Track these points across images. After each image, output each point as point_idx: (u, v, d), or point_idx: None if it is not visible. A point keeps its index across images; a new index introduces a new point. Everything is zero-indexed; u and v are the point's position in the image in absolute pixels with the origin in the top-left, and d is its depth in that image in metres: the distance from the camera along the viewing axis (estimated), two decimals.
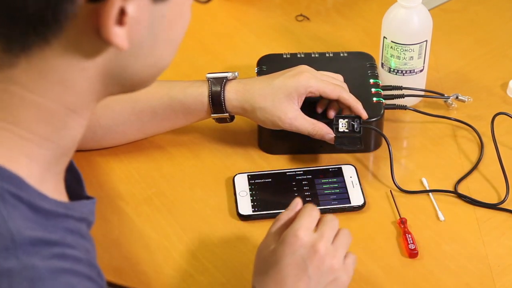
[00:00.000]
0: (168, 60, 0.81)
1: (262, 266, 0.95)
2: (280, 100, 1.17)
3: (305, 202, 1.15)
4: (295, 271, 0.92)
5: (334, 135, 1.19)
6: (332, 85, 1.19)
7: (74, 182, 0.87)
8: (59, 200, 0.78)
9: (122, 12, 0.72)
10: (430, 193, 1.18)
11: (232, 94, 1.19)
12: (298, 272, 0.92)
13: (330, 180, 1.19)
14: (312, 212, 0.98)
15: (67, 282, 0.71)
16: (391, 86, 1.31)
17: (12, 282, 0.69)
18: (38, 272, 0.69)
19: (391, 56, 1.30)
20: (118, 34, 0.72)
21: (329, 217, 0.98)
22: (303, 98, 1.19)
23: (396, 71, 1.31)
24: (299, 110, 1.18)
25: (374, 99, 1.25)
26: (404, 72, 1.31)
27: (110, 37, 0.72)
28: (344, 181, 1.19)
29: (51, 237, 0.73)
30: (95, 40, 0.73)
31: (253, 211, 1.15)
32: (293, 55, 1.33)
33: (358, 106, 1.19)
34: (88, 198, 0.86)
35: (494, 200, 1.18)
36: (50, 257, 0.71)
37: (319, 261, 0.93)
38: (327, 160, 1.24)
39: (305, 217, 0.97)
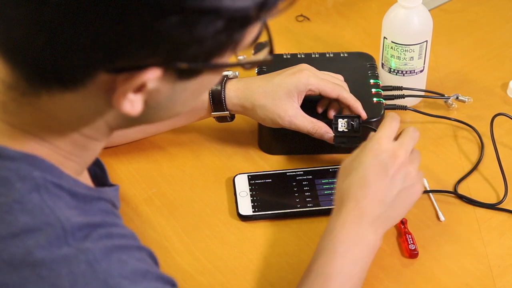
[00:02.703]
0: (184, 110, 0.81)
1: (346, 171, 1.02)
2: (280, 98, 1.18)
3: (305, 202, 1.16)
4: (377, 171, 1.00)
5: (334, 134, 1.19)
6: (331, 83, 1.19)
7: (99, 172, 0.91)
8: (90, 186, 0.82)
9: (142, 83, 0.72)
10: (430, 194, 1.18)
11: (232, 92, 1.19)
12: (380, 173, 1.00)
13: (330, 180, 1.19)
14: (392, 123, 1.05)
15: (120, 259, 0.74)
16: (391, 86, 1.31)
17: (71, 267, 0.71)
18: (93, 254, 0.72)
19: (391, 57, 1.30)
20: (132, 100, 0.73)
21: (411, 128, 1.06)
22: (303, 96, 1.19)
23: (396, 71, 1.31)
24: (299, 108, 1.19)
25: (375, 99, 1.25)
26: (404, 72, 1.31)
27: (121, 106, 0.73)
28: None
29: (94, 220, 0.76)
30: (111, 99, 0.73)
31: (253, 212, 1.15)
32: (293, 55, 1.33)
33: (357, 106, 1.19)
34: (112, 185, 0.90)
35: (494, 201, 1.18)
36: (99, 238, 0.74)
37: (399, 165, 1.01)
38: (327, 161, 1.24)
39: (386, 127, 1.04)
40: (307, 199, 1.16)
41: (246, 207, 1.16)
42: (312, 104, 1.22)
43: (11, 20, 0.70)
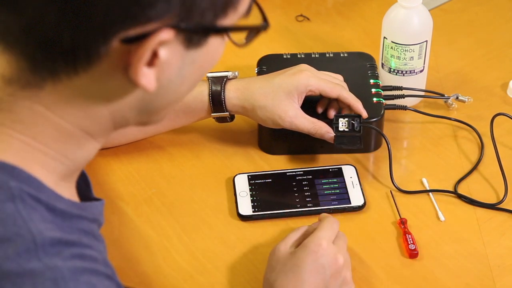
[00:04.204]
0: (187, 94, 0.81)
1: (281, 266, 0.98)
2: (281, 99, 1.18)
3: (305, 202, 1.16)
4: (315, 277, 0.96)
5: (334, 134, 1.19)
6: (332, 83, 1.19)
7: (82, 184, 0.88)
8: (73, 201, 0.79)
9: (154, 54, 0.72)
10: (430, 193, 1.18)
11: (232, 93, 1.19)
12: (317, 278, 0.96)
13: (330, 180, 1.19)
14: (334, 225, 1.03)
15: (89, 282, 0.72)
16: (391, 86, 1.31)
17: (35, 283, 0.69)
18: (61, 272, 0.70)
19: (391, 57, 1.30)
20: (146, 75, 0.72)
21: (340, 232, 1.04)
22: (303, 97, 1.19)
23: (396, 71, 1.31)
24: (300, 108, 1.19)
25: (374, 99, 1.25)
26: (404, 72, 1.31)
27: (138, 78, 0.72)
28: (344, 182, 1.19)
29: (69, 238, 0.74)
30: (124, 78, 0.73)
31: (253, 212, 1.15)
32: (293, 55, 1.33)
33: (358, 105, 1.19)
34: (97, 199, 0.87)
35: (494, 200, 1.18)
36: (70, 257, 0.72)
37: (337, 271, 0.98)
38: (327, 160, 1.24)
39: (327, 229, 1.01)
40: (307, 199, 1.16)
41: (246, 207, 1.16)
42: (312, 104, 1.22)
43: (19, 2, 0.69)
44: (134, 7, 0.68)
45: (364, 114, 1.19)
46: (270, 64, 1.30)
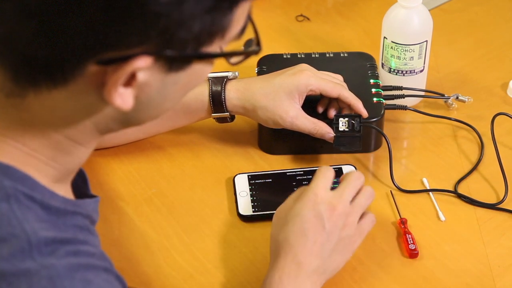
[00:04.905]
0: (173, 107, 0.81)
1: (282, 221, 1.00)
2: (281, 99, 1.17)
3: None
4: (314, 224, 0.98)
5: (334, 134, 1.19)
6: (332, 83, 1.19)
7: (80, 181, 0.88)
8: (67, 198, 0.79)
9: (132, 75, 0.71)
10: (430, 193, 1.18)
11: (232, 93, 1.19)
12: (317, 225, 0.98)
13: None
14: (327, 173, 1.02)
15: (84, 278, 0.72)
16: (391, 86, 1.31)
17: (31, 282, 0.69)
18: (56, 270, 0.70)
19: (391, 56, 1.30)
20: (122, 95, 0.72)
21: (353, 176, 1.03)
22: (304, 96, 1.19)
23: (396, 71, 1.31)
24: (300, 108, 1.19)
25: (375, 99, 1.25)
26: (404, 72, 1.31)
27: (112, 99, 0.72)
28: None
29: (63, 236, 0.74)
30: (101, 94, 0.73)
31: (253, 212, 1.15)
32: (293, 55, 1.33)
33: (358, 104, 1.19)
34: (92, 196, 0.87)
35: (494, 200, 1.18)
36: (65, 255, 0.72)
37: (336, 217, 0.98)
38: (327, 160, 1.24)
39: (320, 178, 1.01)
40: None
41: (246, 207, 1.16)
42: (312, 104, 1.22)
43: None
44: (111, 34, 0.68)
45: (365, 114, 1.19)
46: (270, 64, 1.30)
